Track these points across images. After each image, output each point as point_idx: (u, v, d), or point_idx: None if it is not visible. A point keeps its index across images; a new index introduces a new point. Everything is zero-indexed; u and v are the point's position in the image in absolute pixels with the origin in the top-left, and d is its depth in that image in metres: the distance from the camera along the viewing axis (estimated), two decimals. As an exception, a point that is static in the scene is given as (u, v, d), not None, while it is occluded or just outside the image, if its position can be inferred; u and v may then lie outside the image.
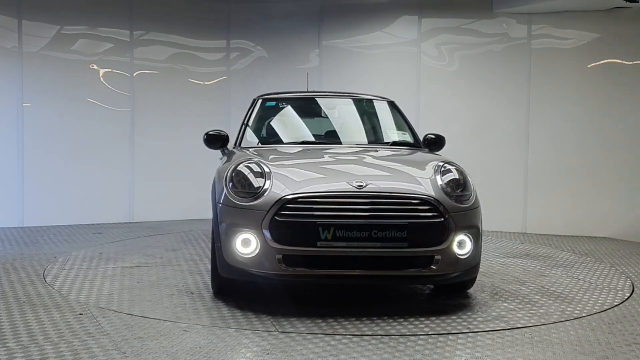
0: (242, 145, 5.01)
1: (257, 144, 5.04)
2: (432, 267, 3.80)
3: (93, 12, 7.92)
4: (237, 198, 3.92)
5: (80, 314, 3.79)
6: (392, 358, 3.10)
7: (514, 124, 7.75)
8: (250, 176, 3.98)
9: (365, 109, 5.59)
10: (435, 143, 5.15)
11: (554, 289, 4.57)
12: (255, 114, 5.33)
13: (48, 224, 7.59)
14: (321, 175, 4.13)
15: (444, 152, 5.57)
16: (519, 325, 3.66)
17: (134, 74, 8.15)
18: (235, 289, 4.28)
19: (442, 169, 4.16)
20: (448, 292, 4.41)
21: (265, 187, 3.87)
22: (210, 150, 5.22)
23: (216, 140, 5.04)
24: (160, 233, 7.12)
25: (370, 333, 3.50)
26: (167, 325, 3.59)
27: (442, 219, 3.79)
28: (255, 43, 8.76)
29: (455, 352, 3.19)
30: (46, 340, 3.28)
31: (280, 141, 5.12)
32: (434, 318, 3.80)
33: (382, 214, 3.75)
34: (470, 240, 3.93)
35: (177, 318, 3.74)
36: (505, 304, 4.14)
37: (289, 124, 5.46)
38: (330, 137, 5.19)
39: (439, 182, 4.00)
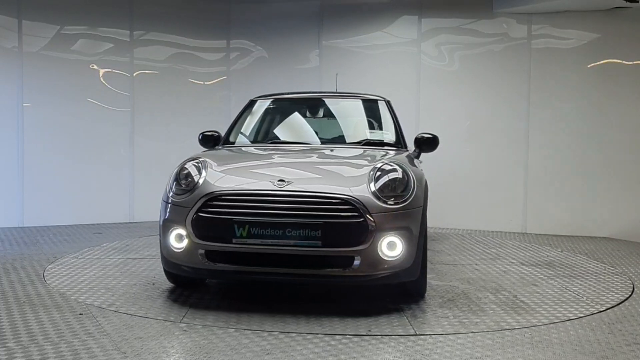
0: (224, 144, 5.19)
1: (235, 144, 5.19)
2: (351, 267, 3.76)
3: (93, 12, 7.92)
4: (174, 195, 4.09)
5: (80, 314, 3.79)
6: (392, 358, 3.10)
7: (514, 123, 7.75)
8: (190, 175, 4.12)
9: (353, 108, 5.59)
10: (426, 143, 5.09)
11: (524, 299, 4.29)
12: (243, 115, 5.53)
13: (48, 224, 7.59)
14: (252, 175, 4.16)
15: (438, 152, 5.57)
16: (428, 332, 3.51)
17: (134, 74, 8.15)
18: (193, 282, 4.51)
19: (384, 168, 4.06)
20: (396, 295, 4.27)
21: (196, 185, 4.01)
22: None
23: (210, 140, 5.24)
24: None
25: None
26: (167, 325, 3.60)
27: (362, 220, 3.73)
28: (255, 43, 8.77)
29: (455, 352, 3.19)
30: (46, 340, 3.28)
31: (255, 141, 5.26)
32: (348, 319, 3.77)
33: (296, 213, 3.75)
34: (402, 242, 3.81)
35: (109, 305, 4.01)
36: (447, 311, 3.95)
37: (270, 125, 5.52)
38: (304, 137, 5.26)
39: (371, 182, 3.92)
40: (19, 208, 7.53)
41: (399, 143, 5.10)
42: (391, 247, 3.81)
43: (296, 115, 5.55)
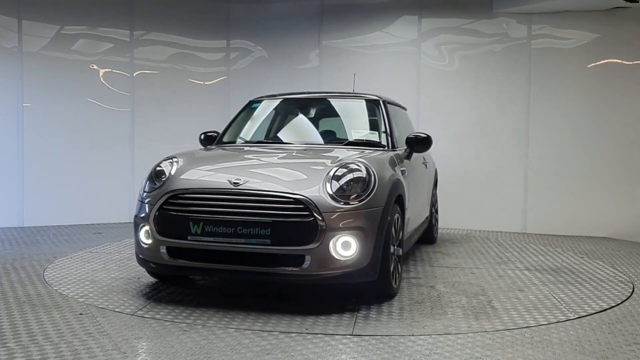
0: (217, 144, 5.31)
1: (225, 144, 5.29)
2: (302, 266, 3.77)
3: (93, 12, 7.93)
4: (145, 193, 4.25)
5: (80, 314, 3.79)
6: (392, 358, 3.10)
7: (514, 124, 7.75)
8: (163, 172, 4.28)
9: (343, 108, 5.55)
10: (417, 143, 5.04)
11: (497, 305, 4.13)
12: (239, 115, 5.63)
13: (48, 224, 7.59)
14: (214, 174, 4.22)
15: (439, 152, 5.52)
16: (369, 333, 3.47)
17: (134, 74, 8.16)
18: (173, 278, 4.66)
19: (345, 168, 4.04)
20: (361, 295, 4.25)
21: (163, 183, 4.16)
22: None
23: (210, 140, 5.42)
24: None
25: (370, 333, 3.50)
26: (167, 325, 3.60)
27: (311, 219, 3.74)
28: (255, 43, 8.77)
29: (455, 352, 3.19)
30: (46, 340, 3.28)
31: (243, 141, 5.33)
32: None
33: (246, 211, 3.82)
34: (356, 242, 3.81)
35: (82, 295, 4.24)
36: (405, 313, 3.89)
37: (260, 125, 5.55)
38: (289, 137, 5.29)
39: (327, 182, 3.91)
40: (19, 208, 7.54)
41: (386, 142, 5.00)
42: (345, 247, 3.80)
43: (286, 116, 5.58)
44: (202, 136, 5.47)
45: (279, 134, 5.39)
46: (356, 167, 4.05)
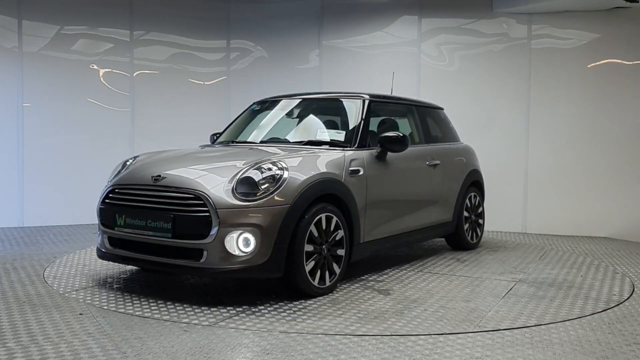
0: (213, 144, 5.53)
1: (213, 143, 5.55)
2: (200, 260, 3.93)
3: (93, 12, 7.93)
4: (104, 188, 4.57)
5: (80, 314, 3.79)
6: (392, 358, 3.10)
7: (514, 123, 7.75)
8: (120, 169, 4.69)
9: (325, 108, 5.54)
10: (390, 142, 4.92)
11: (411, 312, 3.90)
12: (239, 117, 5.82)
13: (48, 224, 7.59)
14: (147, 170, 4.40)
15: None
16: (231, 326, 3.54)
17: (134, 74, 8.15)
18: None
19: (254, 166, 4.11)
20: (284, 294, 4.26)
21: (114, 178, 4.54)
22: None
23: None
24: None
25: (369, 333, 3.50)
26: (167, 325, 3.60)
27: (207, 214, 3.88)
28: (255, 43, 8.77)
29: (455, 352, 3.19)
30: (46, 340, 3.28)
31: (223, 141, 5.52)
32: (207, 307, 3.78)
33: (154, 206, 4.10)
34: (254, 238, 3.91)
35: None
36: (299, 311, 3.86)
37: (244, 126, 5.63)
38: (260, 137, 5.36)
39: (232, 179, 4.01)
40: (19, 208, 7.53)
41: (351, 142, 4.87)
42: (245, 243, 3.93)
43: (271, 116, 5.60)
44: (215, 137, 5.73)
45: (251, 134, 5.47)
46: (267, 166, 4.13)
